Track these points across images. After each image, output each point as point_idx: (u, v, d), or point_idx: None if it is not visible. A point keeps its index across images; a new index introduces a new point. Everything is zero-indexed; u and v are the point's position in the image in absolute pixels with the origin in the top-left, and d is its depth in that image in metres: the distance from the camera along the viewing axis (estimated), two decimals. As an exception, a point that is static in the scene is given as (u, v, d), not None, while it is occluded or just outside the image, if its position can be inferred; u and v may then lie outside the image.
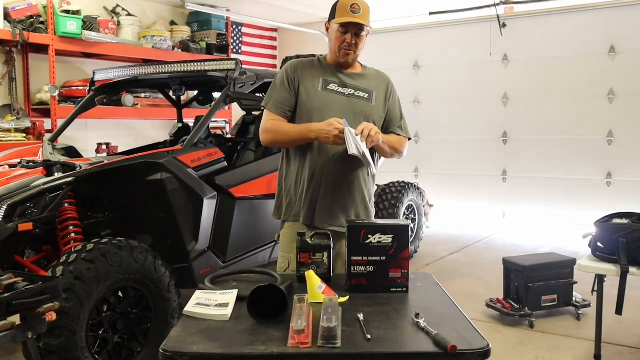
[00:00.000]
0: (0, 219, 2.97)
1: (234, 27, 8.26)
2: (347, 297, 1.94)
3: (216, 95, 4.98)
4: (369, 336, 1.57)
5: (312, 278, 1.93)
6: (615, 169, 6.99)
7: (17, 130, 5.31)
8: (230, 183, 3.94)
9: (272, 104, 2.49)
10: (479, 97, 7.81)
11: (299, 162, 2.52)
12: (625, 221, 3.26)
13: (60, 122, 5.08)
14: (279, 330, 1.62)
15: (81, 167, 3.40)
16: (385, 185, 6.01)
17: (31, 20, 5.49)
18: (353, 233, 2.01)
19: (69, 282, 2.75)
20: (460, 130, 7.99)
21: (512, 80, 7.59)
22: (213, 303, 1.81)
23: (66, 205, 3.31)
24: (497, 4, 7.25)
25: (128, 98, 6.05)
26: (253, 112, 5.44)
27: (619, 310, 3.14)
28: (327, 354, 1.50)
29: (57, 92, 5.66)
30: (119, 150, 5.52)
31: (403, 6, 7.71)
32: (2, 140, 5.10)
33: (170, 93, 5.26)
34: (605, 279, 3.28)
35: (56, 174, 3.43)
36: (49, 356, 2.71)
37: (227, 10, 7.67)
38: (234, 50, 8.25)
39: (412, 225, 6.08)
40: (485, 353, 1.53)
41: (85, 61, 6.36)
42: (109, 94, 5.02)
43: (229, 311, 1.75)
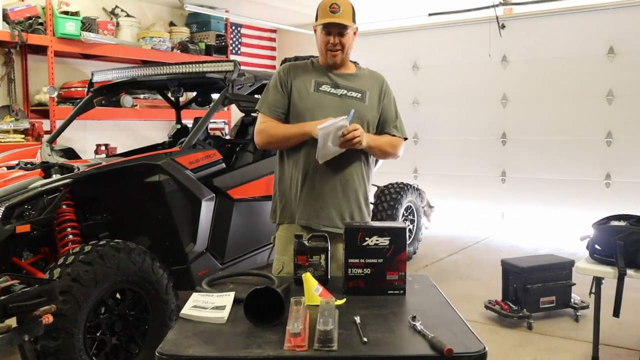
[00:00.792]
0: (-2, 220, 2.97)
1: (233, 28, 8.26)
2: (344, 299, 1.93)
3: (215, 96, 4.97)
4: (365, 339, 1.57)
5: (309, 280, 1.92)
6: (614, 170, 6.99)
7: (15, 131, 5.31)
8: (229, 184, 3.94)
9: (266, 106, 2.52)
10: (478, 98, 7.81)
11: (292, 164, 2.52)
12: (622, 223, 3.27)
13: (59, 123, 5.08)
14: (276, 333, 1.62)
15: (79, 169, 3.40)
16: (384, 186, 6.01)
17: (30, 21, 5.48)
18: (350, 235, 2.01)
19: (66, 285, 2.75)
20: (459, 131, 7.98)
21: (511, 81, 7.59)
22: (210, 306, 1.80)
23: (64, 207, 3.31)
24: (496, 5, 7.25)
25: (127, 99, 6.05)
26: (252, 114, 5.44)
27: (616, 313, 3.14)
28: (323, 357, 1.50)
29: (56, 93, 5.66)
30: (118, 152, 5.52)
31: (402, 7, 7.71)
32: (0, 142, 5.10)
33: (169, 94, 5.26)
34: (603, 281, 3.29)
35: (54, 175, 3.44)
36: (46, 358, 2.71)
37: (226, 11, 7.67)
38: (233, 51, 8.25)
39: (411, 227, 6.08)
40: (482, 356, 1.52)
41: (84, 62, 6.36)
42: (107, 95, 5.02)
43: (225, 314, 1.75)
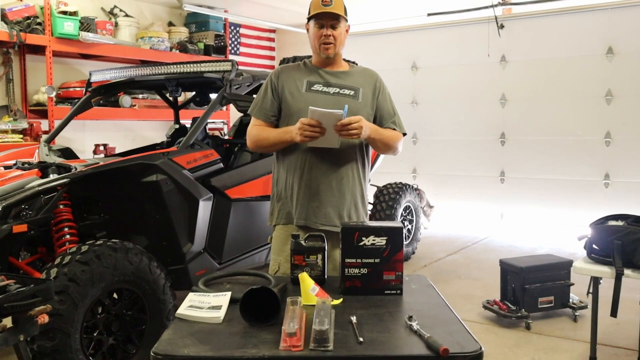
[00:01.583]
0: (-5, 220, 2.96)
1: (232, 28, 8.26)
2: (341, 299, 1.93)
3: (213, 96, 4.97)
4: (361, 339, 1.57)
5: (306, 280, 1.92)
6: (613, 170, 6.99)
7: (14, 131, 5.30)
8: (227, 184, 3.94)
9: (257, 110, 2.57)
10: (476, 98, 7.81)
11: (288, 164, 2.53)
12: (620, 223, 3.27)
13: (57, 124, 5.07)
14: (271, 333, 1.61)
15: (76, 169, 3.39)
16: (383, 186, 6.01)
17: (28, 21, 5.47)
18: (347, 235, 2.00)
19: (62, 284, 2.75)
20: (458, 131, 7.98)
21: (510, 81, 7.59)
22: (206, 305, 1.80)
23: (61, 206, 3.30)
24: (495, 5, 7.25)
25: (125, 99, 6.04)
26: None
27: (614, 313, 3.14)
28: (319, 357, 1.50)
29: (55, 93, 5.65)
30: (117, 152, 5.51)
31: (401, 7, 7.71)
32: (-1, 142, 5.11)
33: (167, 94, 5.25)
34: (601, 281, 3.28)
35: (51, 175, 3.43)
36: (43, 358, 2.71)
37: (225, 11, 7.67)
38: (232, 51, 8.25)
39: (409, 227, 6.07)
40: (478, 356, 1.52)
41: (82, 62, 6.35)
42: (105, 95, 5.01)
43: (221, 314, 1.75)
